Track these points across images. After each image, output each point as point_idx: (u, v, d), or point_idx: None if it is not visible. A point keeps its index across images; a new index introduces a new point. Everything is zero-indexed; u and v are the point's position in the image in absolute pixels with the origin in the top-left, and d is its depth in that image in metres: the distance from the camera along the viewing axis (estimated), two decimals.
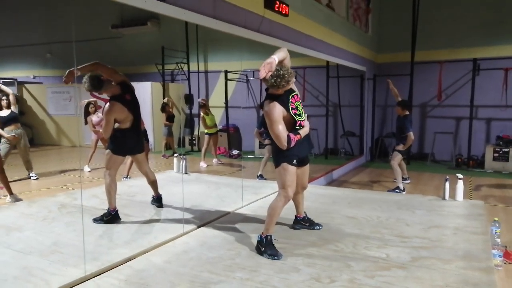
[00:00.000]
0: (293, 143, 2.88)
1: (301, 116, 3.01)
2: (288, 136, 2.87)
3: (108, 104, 3.61)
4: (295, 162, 2.99)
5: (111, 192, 3.64)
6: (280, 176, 2.99)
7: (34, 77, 7.66)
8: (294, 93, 3.00)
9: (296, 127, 2.98)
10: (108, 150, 3.70)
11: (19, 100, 5.81)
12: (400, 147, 6.39)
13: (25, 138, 5.50)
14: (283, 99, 2.91)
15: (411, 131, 6.23)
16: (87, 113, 6.01)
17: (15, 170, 5.61)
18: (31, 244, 3.13)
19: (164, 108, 6.95)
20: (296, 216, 3.54)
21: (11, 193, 4.69)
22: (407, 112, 6.46)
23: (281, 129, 2.86)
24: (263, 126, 6.43)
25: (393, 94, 6.91)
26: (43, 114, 6.90)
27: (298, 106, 3.00)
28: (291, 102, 2.94)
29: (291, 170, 2.97)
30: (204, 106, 7.41)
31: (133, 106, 3.72)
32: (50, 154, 7.15)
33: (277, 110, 2.86)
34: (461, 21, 9.33)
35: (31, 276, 2.58)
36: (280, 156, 2.99)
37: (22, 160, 5.53)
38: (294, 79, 2.98)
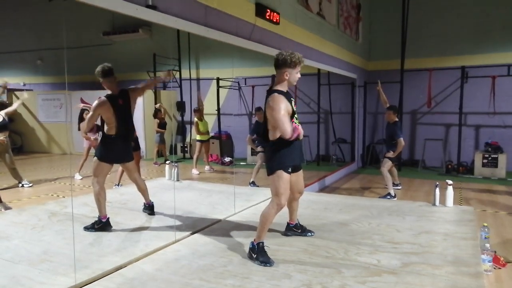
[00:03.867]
0: (295, 134, 2.88)
1: (297, 120, 3.05)
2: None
3: (98, 99, 3.63)
4: (290, 170, 3.00)
5: (100, 200, 3.62)
6: (274, 183, 2.98)
7: (25, 84, 7.60)
8: (292, 99, 3.05)
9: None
10: (95, 158, 3.69)
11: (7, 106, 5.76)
12: (390, 154, 6.45)
13: (8, 147, 5.44)
14: (287, 97, 2.96)
15: (402, 137, 6.30)
16: (81, 119, 6.00)
17: (4, 179, 5.54)
18: (20, 253, 3.10)
19: (156, 114, 6.94)
20: (288, 223, 3.54)
21: (0, 201, 4.63)
22: (396, 119, 6.54)
23: (287, 118, 2.88)
24: (256, 133, 6.45)
25: (382, 101, 6.98)
26: (33, 121, 6.84)
27: (295, 111, 3.06)
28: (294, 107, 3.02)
29: (285, 177, 2.97)
30: (199, 111, 7.42)
31: (122, 112, 3.71)
32: (40, 161, 7.08)
33: (283, 102, 2.90)
34: (449, 30, 9.51)
35: (19, 285, 2.55)
36: (275, 163, 2.98)
37: (8, 170, 5.47)
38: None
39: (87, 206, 4.21)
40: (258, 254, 2.91)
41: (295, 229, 3.52)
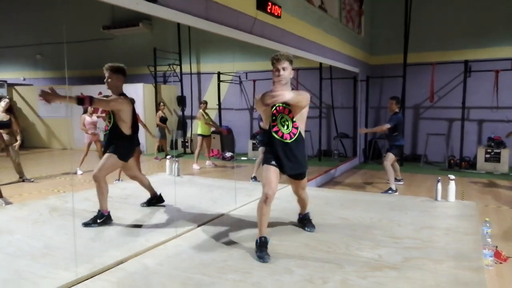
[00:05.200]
0: (267, 99, 2.74)
1: (280, 124, 3.05)
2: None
3: (120, 96, 3.69)
4: (273, 162, 3.04)
5: (104, 193, 3.62)
6: (261, 176, 3.10)
7: (24, 79, 7.58)
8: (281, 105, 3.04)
9: (272, 132, 3.06)
10: (114, 155, 3.66)
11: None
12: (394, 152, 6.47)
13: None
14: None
15: (389, 126, 6.30)
16: (84, 112, 6.01)
17: (5, 174, 5.55)
18: (22, 247, 3.10)
19: (158, 108, 6.95)
20: (298, 214, 3.63)
21: (0, 196, 4.64)
22: (397, 110, 6.52)
23: (259, 103, 2.94)
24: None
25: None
26: (34, 116, 6.83)
27: (282, 117, 3.05)
28: (277, 106, 3.04)
29: (267, 169, 3.04)
30: (206, 103, 7.50)
31: (134, 111, 3.81)
32: (41, 156, 7.08)
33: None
34: (452, 24, 9.44)
35: (21, 279, 2.55)
36: (263, 157, 3.19)
37: (13, 165, 5.49)
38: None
39: (88, 201, 4.21)
40: (257, 248, 2.92)
41: (299, 221, 3.60)
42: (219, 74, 8.22)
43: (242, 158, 8.55)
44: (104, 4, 2.87)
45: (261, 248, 2.91)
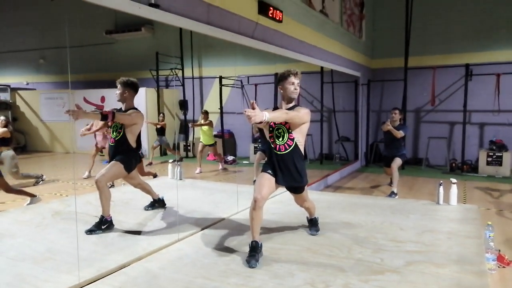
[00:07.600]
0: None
1: (276, 136, 3.10)
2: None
3: (137, 111, 3.78)
4: (269, 171, 3.11)
5: (109, 199, 3.63)
6: None
7: (27, 83, 7.60)
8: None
9: (270, 142, 3.15)
10: (121, 164, 3.67)
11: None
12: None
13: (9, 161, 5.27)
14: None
15: (403, 134, 6.30)
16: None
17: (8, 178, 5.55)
18: (24, 251, 3.11)
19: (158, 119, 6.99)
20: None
21: (31, 195, 4.64)
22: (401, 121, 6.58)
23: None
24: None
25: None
26: (36, 120, 6.84)
27: (279, 128, 3.09)
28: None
29: (261, 176, 3.11)
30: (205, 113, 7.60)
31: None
32: (44, 160, 7.09)
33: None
34: (453, 27, 9.46)
35: (24, 283, 2.56)
36: None
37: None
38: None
39: (90, 205, 4.22)
40: (248, 251, 2.92)
41: (308, 222, 3.63)
42: (220, 78, 8.23)
43: (244, 162, 8.55)
44: (107, 9, 2.88)
45: (250, 253, 2.90)
